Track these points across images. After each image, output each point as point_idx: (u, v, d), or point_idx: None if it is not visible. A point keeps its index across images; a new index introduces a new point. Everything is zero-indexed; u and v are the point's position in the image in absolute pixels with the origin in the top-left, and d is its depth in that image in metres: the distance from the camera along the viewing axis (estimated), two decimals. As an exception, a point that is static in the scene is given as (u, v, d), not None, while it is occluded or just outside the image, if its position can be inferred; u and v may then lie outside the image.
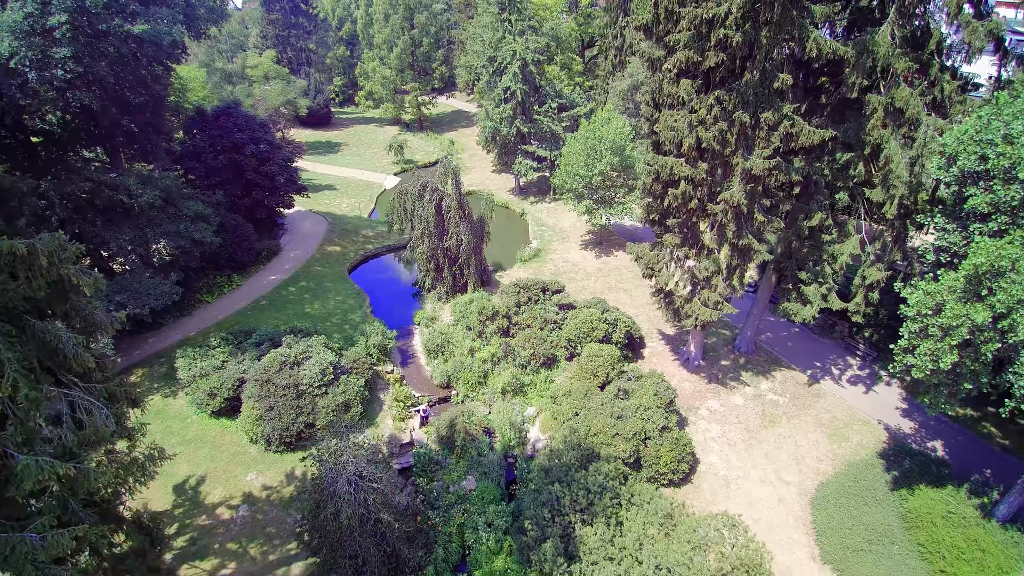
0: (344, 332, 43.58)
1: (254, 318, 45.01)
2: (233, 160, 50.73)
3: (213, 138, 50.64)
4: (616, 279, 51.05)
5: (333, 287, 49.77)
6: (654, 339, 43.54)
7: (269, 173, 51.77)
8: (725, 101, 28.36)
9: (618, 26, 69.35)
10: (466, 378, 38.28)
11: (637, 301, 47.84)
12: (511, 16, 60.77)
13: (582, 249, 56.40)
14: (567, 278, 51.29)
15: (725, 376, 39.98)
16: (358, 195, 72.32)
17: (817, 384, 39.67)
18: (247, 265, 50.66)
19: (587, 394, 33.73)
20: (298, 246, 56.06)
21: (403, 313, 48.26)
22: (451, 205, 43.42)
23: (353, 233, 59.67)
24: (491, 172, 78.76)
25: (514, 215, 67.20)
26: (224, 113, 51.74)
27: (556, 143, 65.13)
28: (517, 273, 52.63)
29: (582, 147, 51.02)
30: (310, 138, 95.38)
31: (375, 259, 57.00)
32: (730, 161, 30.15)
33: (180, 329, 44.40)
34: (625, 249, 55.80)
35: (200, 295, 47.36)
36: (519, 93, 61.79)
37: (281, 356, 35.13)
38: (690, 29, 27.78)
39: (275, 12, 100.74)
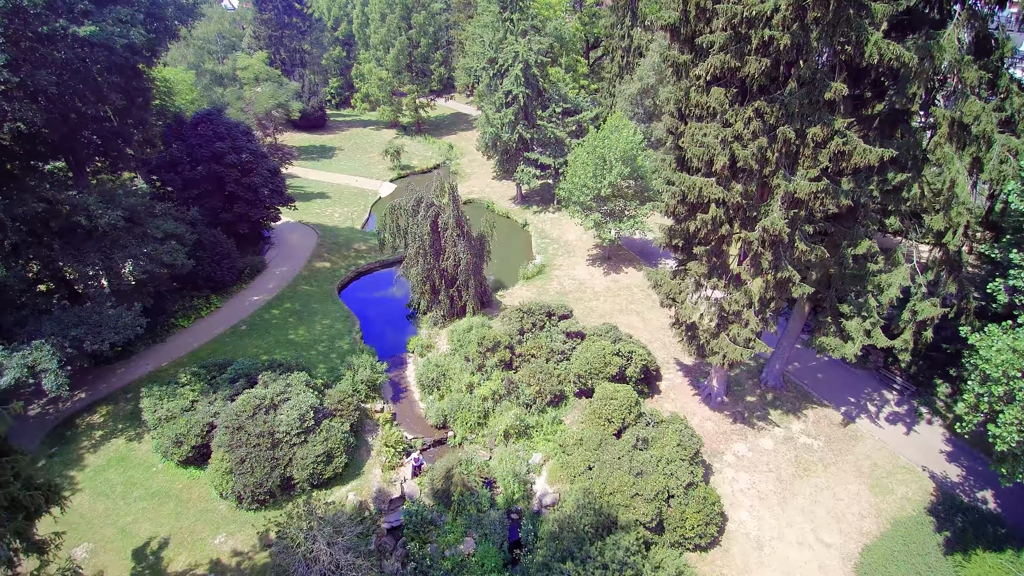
0: (330, 362, 39.15)
1: (232, 346, 40.58)
2: (213, 171, 46.25)
3: (191, 147, 46.16)
4: (627, 299, 46.62)
5: (320, 309, 45.31)
6: (671, 370, 39.14)
7: (252, 185, 47.30)
8: (766, 113, 23.93)
9: (625, 26, 64.81)
10: (464, 418, 33.91)
11: (651, 325, 43.42)
12: (513, 15, 56.26)
13: (589, 265, 51.94)
14: (574, 298, 46.87)
15: (752, 414, 35.61)
16: (351, 204, 67.82)
17: (853, 424, 35.35)
18: (228, 284, 46.21)
19: (601, 444, 29.34)
20: (285, 262, 51.59)
21: (396, 338, 43.84)
22: (448, 222, 38.99)
23: (344, 247, 55.19)
24: (491, 179, 74.28)
25: (516, 226, 62.73)
26: (204, 120, 47.25)
27: (560, 150, 60.66)
28: (520, 292, 48.21)
29: (590, 157, 46.55)
30: (304, 142, 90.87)
31: (368, 275, 52.54)
32: (769, 182, 25.72)
33: (152, 358, 40.01)
34: (636, 265, 51.37)
35: (175, 319, 42.94)
36: (521, 97, 57.31)
37: (255, 399, 30.71)
38: (727, 29, 23.32)
39: (267, 12, 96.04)
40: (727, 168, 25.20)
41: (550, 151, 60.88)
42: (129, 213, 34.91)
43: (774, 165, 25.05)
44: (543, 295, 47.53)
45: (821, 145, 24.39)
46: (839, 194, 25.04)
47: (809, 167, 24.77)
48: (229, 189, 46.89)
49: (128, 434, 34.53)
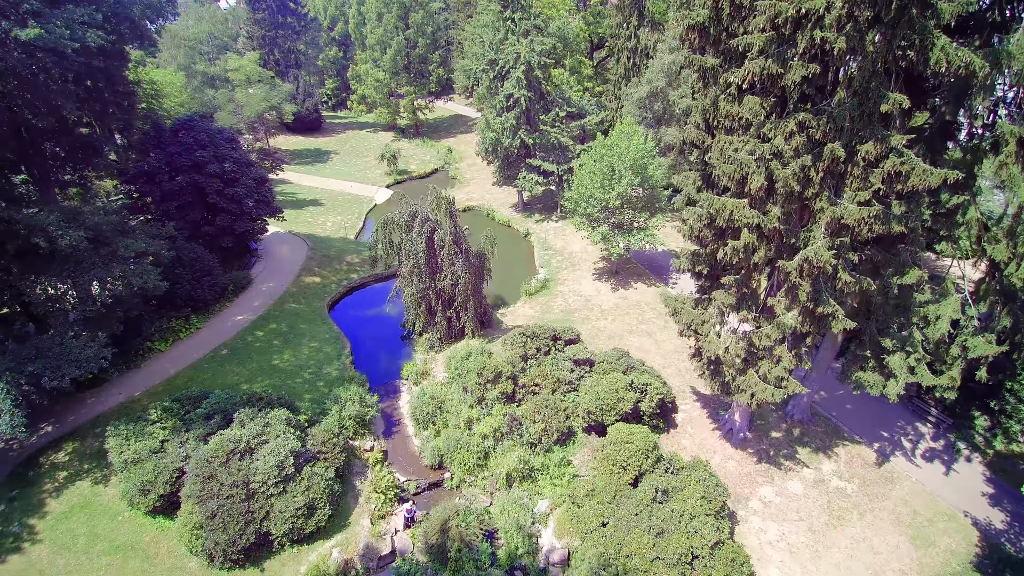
0: (316, 392, 35.72)
1: (211, 373, 37.13)
2: (194, 181, 42.76)
3: (171, 156, 42.65)
4: (637, 318, 43.17)
5: (308, 330, 41.84)
6: (687, 400, 35.73)
7: (236, 195, 43.80)
8: (811, 127, 20.46)
9: (631, 26, 61.27)
10: (462, 458, 30.50)
11: (664, 347, 40.00)
12: (514, 15, 52.74)
13: (596, 279, 48.48)
14: (580, 317, 43.44)
15: (778, 453, 32.21)
16: (345, 212, 64.32)
17: (887, 463, 32.04)
18: (210, 303, 42.76)
19: (616, 496, 25.94)
20: (272, 276, 48.10)
21: (389, 363, 40.45)
22: (445, 239, 35.54)
23: (336, 260, 51.71)
24: (491, 184, 70.79)
25: (517, 236, 59.26)
26: (184, 127, 43.73)
27: (564, 156, 57.16)
28: (522, 310, 44.76)
29: (597, 165, 43.09)
30: (298, 145, 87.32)
31: (361, 289, 49.08)
32: (811, 206, 22.28)
33: (125, 386, 36.59)
34: (645, 280, 47.91)
35: (152, 342, 39.47)
36: (523, 101, 53.81)
37: (230, 442, 27.29)
38: (767, 30, 19.83)
39: (261, 11, 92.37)
40: (763, 189, 21.72)
41: (553, 157, 57.38)
42: (94, 233, 31.39)
43: (817, 186, 21.62)
44: (547, 313, 44.10)
45: (873, 164, 20.97)
46: (891, 219, 21.61)
47: (858, 189, 21.33)
48: (211, 200, 43.40)
49: (94, 475, 31.10)
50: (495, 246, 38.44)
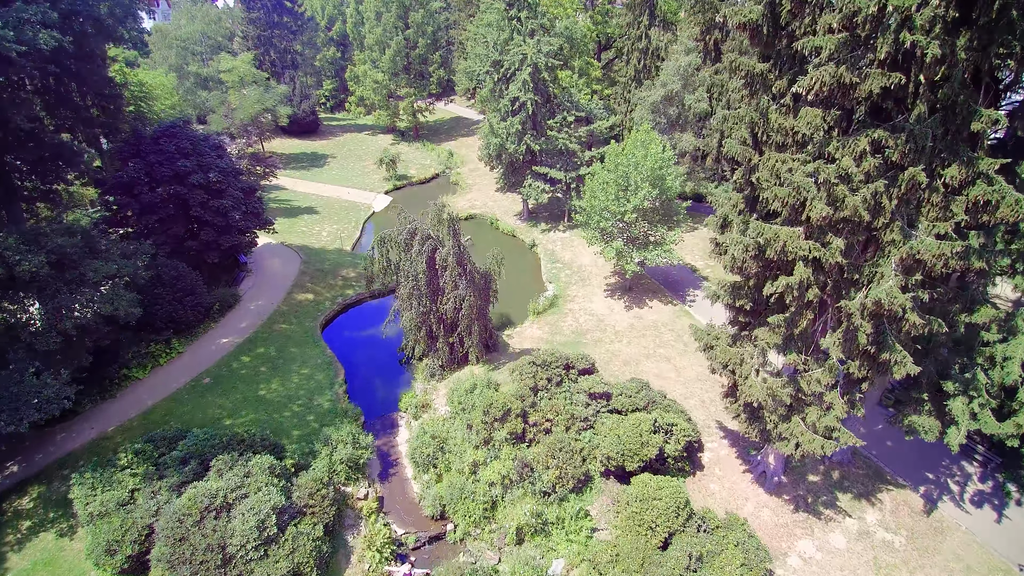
0: (306, 427, 32.33)
1: (191, 405, 33.74)
2: (175, 193, 39.33)
3: (151, 166, 39.21)
4: (654, 340, 39.80)
5: (299, 354, 38.44)
6: (713, 436, 32.38)
7: (221, 208, 40.35)
8: (888, 147, 17.07)
9: (642, 26, 57.79)
10: (467, 509, 27.14)
11: (684, 374, 36.65)
12: (520, 13, 49.28)
13: (608, 296, 45.08)
14: (592, 339, 40.06)
15: (816, 500, 28.84)
16: (342, 220, 60.89)
17: (936, 509, 28.67)
18: (193, 325, 39.36)
19: (644, 564, 22.58)
20: (262, 293, 44.68)
21: (387, 391, 37.07)
22: (448, 259, 32.14)
23: (331, 274, 48.27)
24: (495, 191, 67.38)
25: (522, 247, 55.87)
26: (166, 134, 40.28)
27: (572, 162, 53.81)
28: (530, 331, 41.37)
29: (611, 176, 39.71)
30: (294, 149, 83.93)
31: (356, 307, 45.65)
32: (881, 238, 18.89)
33: (99, 419, 33.24)
34: (661, 297, 44.53)
35: (128, 369, 36.08)
36: (530, 104, 50.40)
37: (205, 496, 23.92)
38: (840, 31, 16.41)
39: (256, 10, 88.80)
40: (828, 219, 18.32)
41: (561, 163, 54.01)
42: (58, 256, 27.96)
43: (889, 216, 18.23)
44: (557, 335, 40.72)
45: (955, 191, 17.59)
46: (971, 254, 18.26)
47: (936, 219, 17.95)
48: (194, 214, 39.98)
49: (60, 526, 27.69)
50: (502, 266, 35.05)
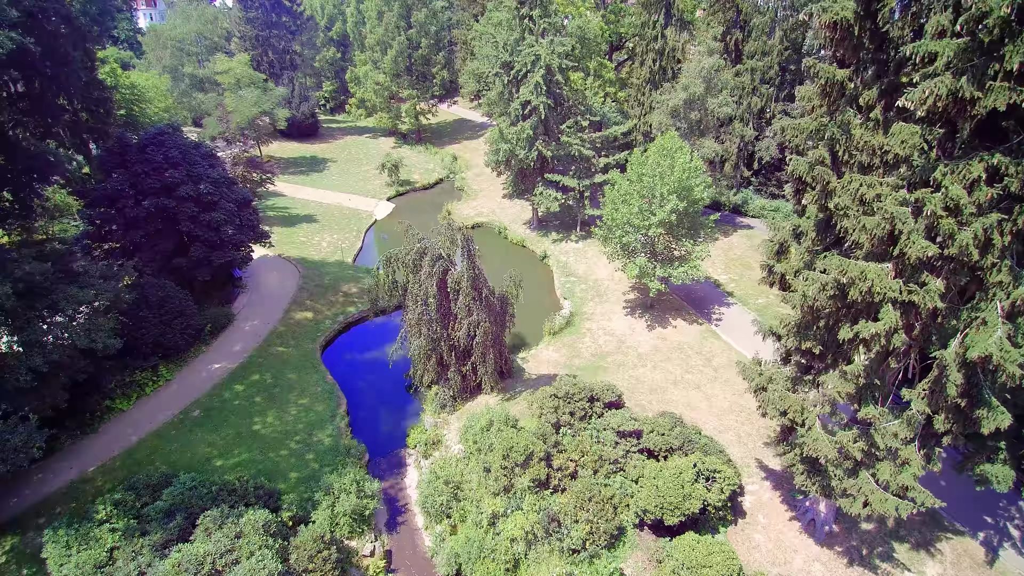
0: (305, 469, 29.08)
1: (179, 443, 30.48)
2: (163, 206, 36.04)
3: (136, 177, 35.95)
4: (681, 365, 36.57)
5: (298, 381, 35.19)
6: (754, 476, 29.15)
7: (213, 222, 37.08)
8: (1008, 175, 13.84)
9: (658, 26, 54.46)
10: (487, 569, 23.92)
11: (716, 404, 33.43)
12: (532, 12, 45.99)
13: (628, 314, 41.83)
14: (614, 363, 36.83)
15: (872, 552, 25.63)
16: (343, 229, 57.62)
17: (998, 560, 25.58)
18: (182, 349, 36.09)
19: (696, 647, 19.33)
20: (257, 312, 41.40)
21: (393, 422, 33.85)
22: (461, 282, 28.87)
23: (331, 290, 44.96)
24: (502, 197, 64.16)
25: (533, 258, 52.62)
26: (153, 142, 36.99)
27: (587, 170, 50.58)
28: (546, 353, 38.12)
29: (634, 187, 36.48)
30: (293, 153, 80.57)
31: (359, 325, 42.36)
32: (986, 278, 15.66)
33: (78, 457, 30.01)
34: (685, 316, 41.28)
35: (112, 399, 32.85)
36: (542, 108, 47.10)
37: (191, 563, 20.71)
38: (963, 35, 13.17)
39: (253, 10, 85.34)
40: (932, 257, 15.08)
41: (574, 171, 50.76)
42: (26, 284, 24.71)
43: (998, 254, 15.01)
44: (575, 358, 37.47)
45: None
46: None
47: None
48: (184, 228, 36.69)
49: (30, 584, 24.52)
50: (520, 288, 31.80)
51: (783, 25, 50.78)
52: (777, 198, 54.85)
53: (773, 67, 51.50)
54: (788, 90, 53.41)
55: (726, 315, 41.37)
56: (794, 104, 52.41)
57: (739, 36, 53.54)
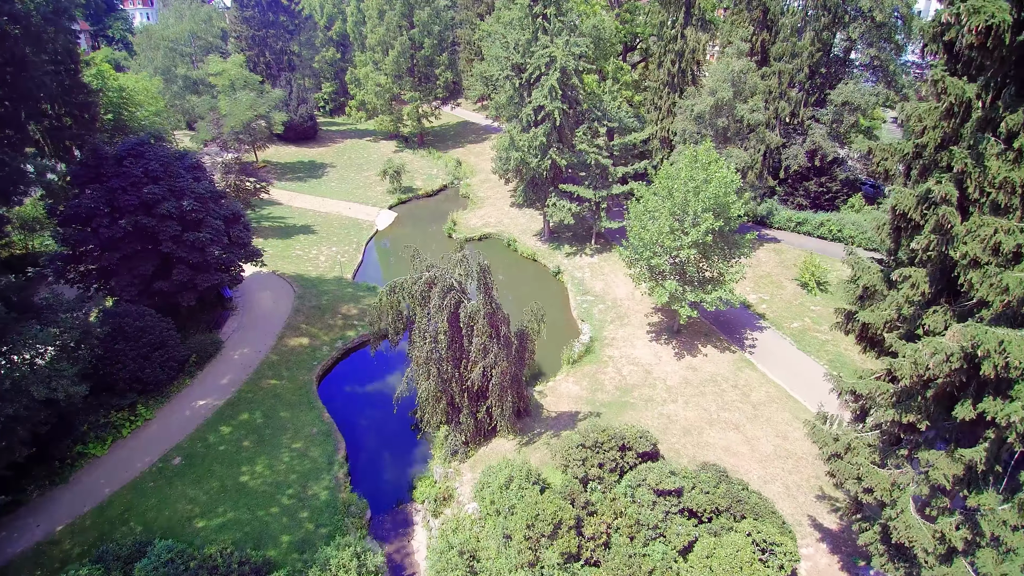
0: (298, 530, 25.31)
1: (156, 499, 26.71)
2: (141, 226, 32.26)
3: (112, 192, 32.15)
4: (715, 401, 32.84)
5: (291, 420, 31.43)
6: (807, 538, 25.41)
7: (197, 242, 33.27)
8: None
9: (678, 25, 50.64)
10: (510, 663, 20.16)
11: (759, 449, 29.71)
12: (547, 10, 42.16)
13: (652, 340, 38.09)
14: (641, 398, 33.11)
15: (959, 638, 21.84)
16: (342, 241, 53.83)
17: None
18: (164, 384, 32.34)
19: None
20: (248, 338, 37.63)
21: (398, 468, 30.12)
22: (477, 320, 25.11)
23: (329, 311, 41.17)
24: (509, 205, 60.42)
25: (545, 274, 48.86)
26: (131, 154, 33.19)
27: (604, 180, 46.85)
28: (564, 385, 34.38)
29: (664, 204, 32.74)
30: (290, 157, 76.77)
31: (359, 351, 38.59)
32: None
33: (46, 511, 26.29)
34: (715, 342, 37.53)
35: (86, 443, 29.11)
36: (557, 114, 43.30)
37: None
38: None
39: (249, 9, 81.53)
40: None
41: (590, 181, 46.98)
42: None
43: None
44: (597, 392, 33.73)
45: None
46: None
47: None
48: (165, 250, 32.88)
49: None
50: (543, 323, 28.03)
51: (815, 24, 47.00)
52: (804, 209, 51.09)
53: (803, 70, 47.73)
54: (818, 94, 49.64)
55: (760, 341, 37.64)
56: (824, 109, 48.69)
57: (765, 36, 49.74)
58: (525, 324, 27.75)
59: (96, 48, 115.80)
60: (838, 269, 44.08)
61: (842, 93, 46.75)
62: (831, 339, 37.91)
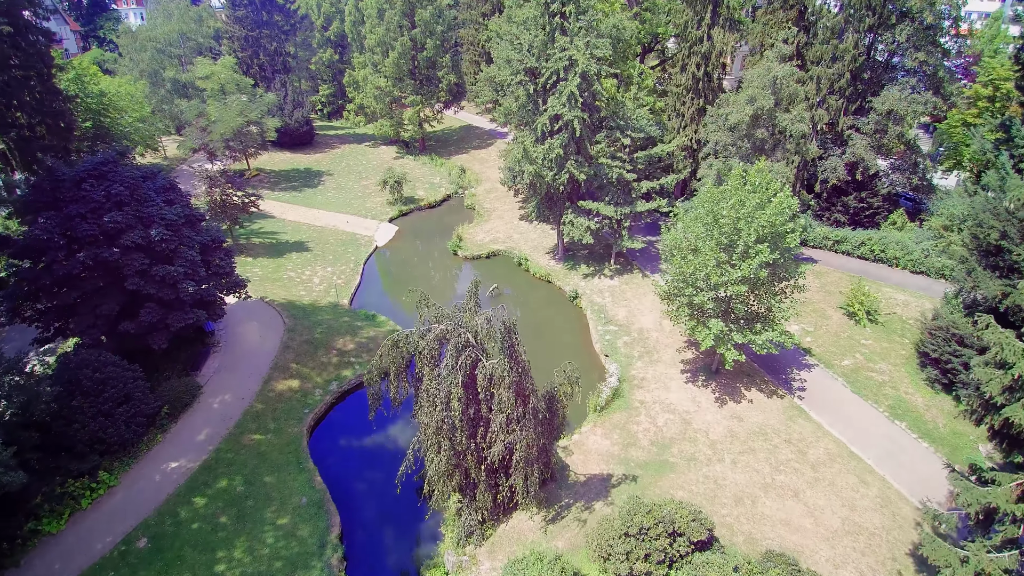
0: (284, 642, 20.58)
1: (112, 596, 21.98)
2: (103, 259, 27.40)
3: (70, 221, 27.28)
4: (768, 459, 28.13)
5: (276, 487, 26.64)
6: (899, 647, 20.76)
7: (169, 276, 28.41)
8: None
9: (704, 25, 45.83)
10: None
11: (825, 523, 25.01)
12: (567, 7, 37.30)
13: (688, 381, 33.37)
14: (681, 456, 28.38)
15: None
16: (338, 260, 48.97)
17: None
18: (131, 442, 27.53)
19: None
20: (230, 381, 32.83)
21: (402, 549, 25.35)
22: (500, 390, 20.34)
23: (323, 347, 36.36)
24: (518, 219, 55.73)
25: (561, 299, 44.08)
26: (92, 175, 28.30)
27: (627, 196, 42.10)
28: (592, 439, 29.60)
29: (712, 234, 27.97)
30: (285, 164, 71.79)
31: (355, 393, 33.81)
32: None
33: (-24, 611, 21.50)
34: (760, 383, 32.85)
35: (41, 516, 24.36)
36: (576, 124, 38.50)
37: None
38: None
39: (242, 8, 76.44)
40: None
41: (611, 197, 42.17)
42: None
43: None
44: (631, 448, 28.98)
45: None
46: None
47: None
48: (131, 286, 28.00)
49: None
50: (577, 386, 23.25)
51: (858, 26, 42.16)
52: (842, 226, 46.31)
53: (844, 75, 42.91)
54: (859, 102, 44.82)
55: (809, 383, 32.95)
56: (866, 118, 43.89)
57: (802, 39, 44.94)
58: (556, 387, 22.97)
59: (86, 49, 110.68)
60: (887, 296, 39.47)
61: (886, 101, 41.93)
62: (888, 380, 33.28)
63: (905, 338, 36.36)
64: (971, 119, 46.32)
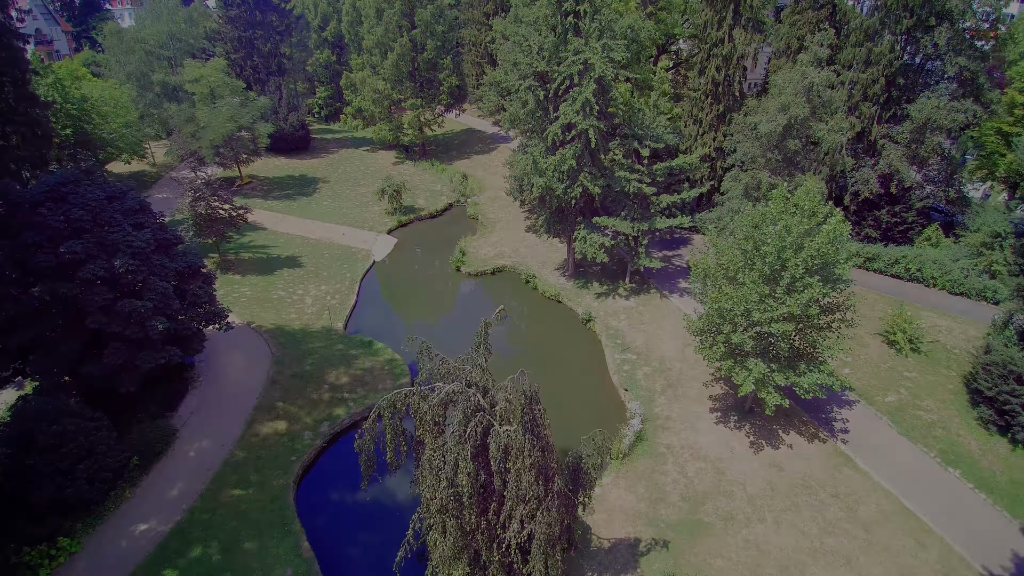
0: None
1: None
2: (60, 295, 23.83)
3: (24, 250, 23.71)
4: (814, 517, 24.64)
5: (258, 556, 23.11)
6: None
7: (135, 313, 24.78)
8: None
9: (725, 26, 42.25)
10: None
11: (888, 602, 21.53)
12: (582, 6, 33.70)
13: (719, 422, 29.86)
14: (717, 515, 24.89)
15: None
16: (333, 276, 45.38)
17: None
18: (95, 501, 23.99)
19: None
20: (210, 423, 29.24)
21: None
22: (519, 466, 16.82)
23: (313, 381, 32.77)
24: (524, 230, 51.89)
25: (573, 321, 40.53)
26: (50, 197, 24.71)
27: (645, 211, 38.57)
28: (615, 493, 26.06)
29: (755, 264, 24.44)
30: (279, 170, 68.19)
31: (350, 434, 30.25)
32: None
33: None
34: (800, 426, 29.32)
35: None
36: (592, 133, 34.99)
37: None
38: None
39: (234, 8, 72.71)
40: None
41: (627, 211, 38.65)
42: None
43: None
44: (660, 504, 25.48)
45: None
46: None
47: None
48: (93, 324, 24.41)
49: None
50: (607, 456, 19.73)
51: (894, 28, 38.58)
52: (873, 242, 42.78)
53: (879, 80, 39.34)
54: (893, 110, 41.26)
55: (852, 423, 29.46)
56: (900, 127, 40.36)
57: (834, 41, 41.35)
58: (584, 458, 19.41)
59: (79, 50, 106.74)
60: (929, 321, 35.99)
61: (924, 108, 38.39)
62: (938, 419, 29.81)
63: (951, 370, 32.87)
64: (1007, 127, 42.77)
